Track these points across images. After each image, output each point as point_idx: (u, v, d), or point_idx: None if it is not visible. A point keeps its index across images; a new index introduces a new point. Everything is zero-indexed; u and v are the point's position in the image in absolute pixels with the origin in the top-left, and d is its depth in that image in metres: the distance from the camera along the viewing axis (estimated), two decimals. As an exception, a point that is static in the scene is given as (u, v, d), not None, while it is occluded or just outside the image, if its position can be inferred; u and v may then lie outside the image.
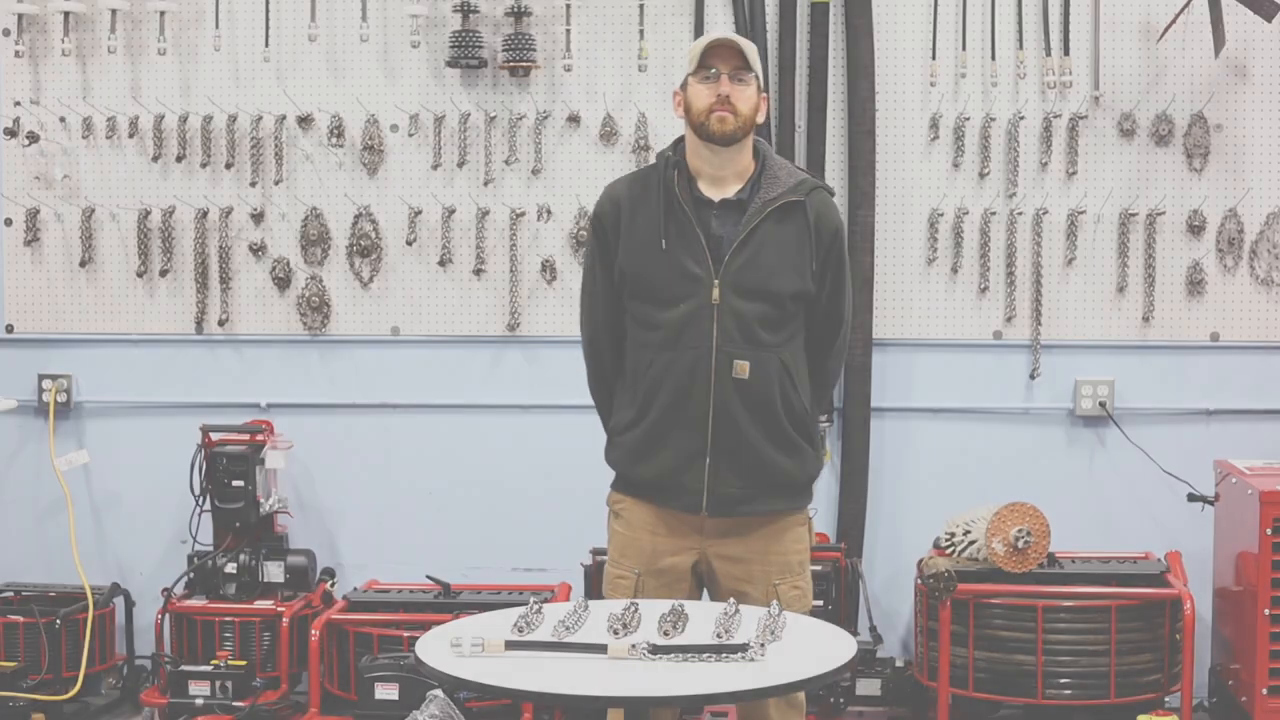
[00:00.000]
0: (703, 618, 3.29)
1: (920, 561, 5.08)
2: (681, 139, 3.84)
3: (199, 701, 5.12)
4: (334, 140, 5.51)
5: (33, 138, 5.56)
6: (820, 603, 5.07)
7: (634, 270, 3.79)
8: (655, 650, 3.02)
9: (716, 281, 3.72)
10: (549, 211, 5.48)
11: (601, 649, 3.05)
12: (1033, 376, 5.44)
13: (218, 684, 5.12)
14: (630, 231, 3.80)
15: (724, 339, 3.72)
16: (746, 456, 3.75)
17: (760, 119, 3.80)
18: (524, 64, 5.38)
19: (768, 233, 3.74)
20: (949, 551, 5.09)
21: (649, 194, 3.80)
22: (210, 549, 5.42)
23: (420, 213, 5.51)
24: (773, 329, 3.75)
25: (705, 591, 3.90)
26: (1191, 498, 5.24)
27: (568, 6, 5.35)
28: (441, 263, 5.52)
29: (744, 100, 3.72)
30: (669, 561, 3.81)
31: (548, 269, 5.48)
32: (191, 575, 5.39)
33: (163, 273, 5.59)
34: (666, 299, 3.75)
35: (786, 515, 3.85)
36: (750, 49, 3.75)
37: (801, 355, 3.84)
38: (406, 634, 5.01)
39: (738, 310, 3.71)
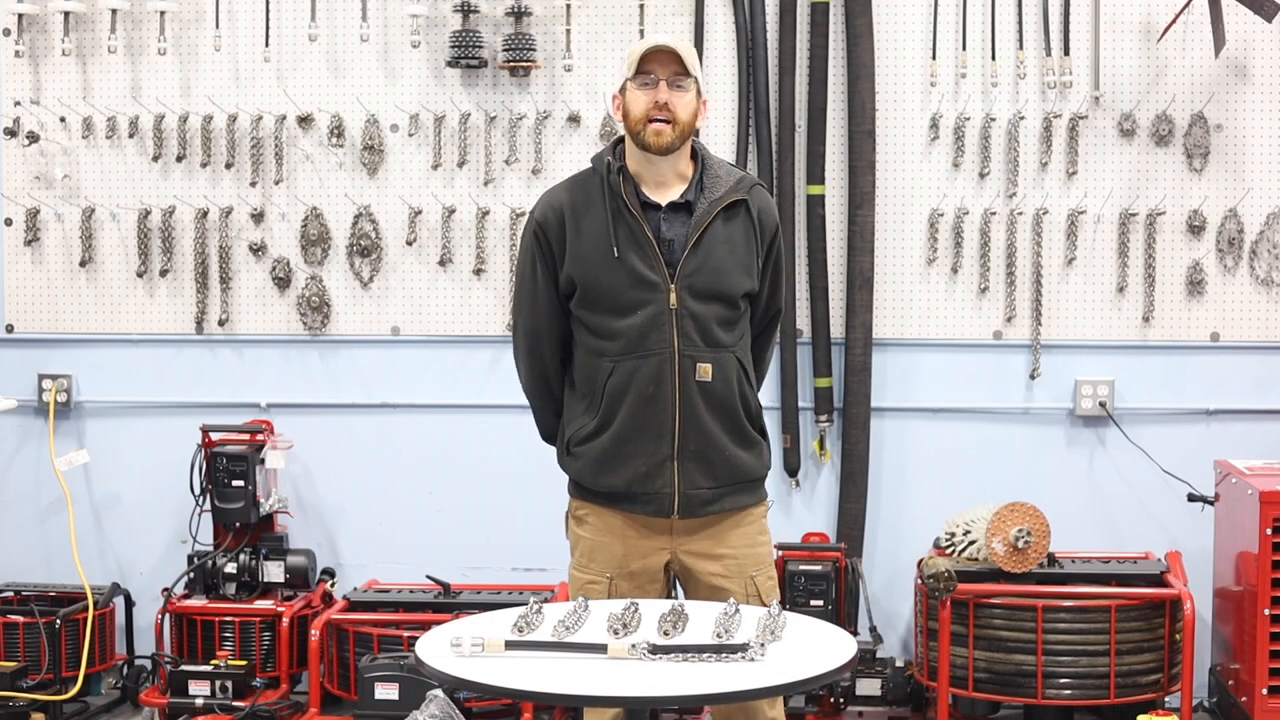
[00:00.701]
0: (703, 618, 3.29)
1: (920, 561, 5.08)
2: (620, 141, 3.81)
3: (199, 701, 5.13)
4: (334, 140, 5.51)
5: (33, 138, 5.57)
6: (820, 603, 5.08)
7: (585, 279, 3.74)
8: (655, 650, 3.02)
9: (673, 286, 3.70)
10: (549, 211, 5.47)
11: (601, 649, 3.05)
12: (1033, 376, 5.45)
13: (218, 684, 5.12)
14: (576, 239, 3.75)
15: (685, 343, 3.71)
16: (714, 457, 3.76)
17: (700, 124, 3.78)
18: (524, 64, 5.38)
19: (717, 233, 3.74)
20: (949, 551, 5.09)
21: (592, 200, 3.76)
22: (210, 549, 5.42)
23: (420, 213, 5.51)
24: (728, 329, 3.76)
25: (680, 590, 3.91)
26: (1191, 498, 5.25)
27: (568, 6, 5.35)
28: (441, 263, 5.52)
29: (683, 107, 3.70)
30: (640, 564, 3.81)
31: (548, 269, 5.47)
32: (191, 575, 5.40)
33: (163, 273, 5.60)
34: (623, 306, 3.72)
35: (751, 508, 3.87)
36: (689, 54, 3.71)
37: (749, 352, 3.87)
38: (406, 634, 5.02)
39: (696, 313, 3.71)
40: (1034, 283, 5.40)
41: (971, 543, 5.05)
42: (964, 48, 5.38)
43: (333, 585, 5.44)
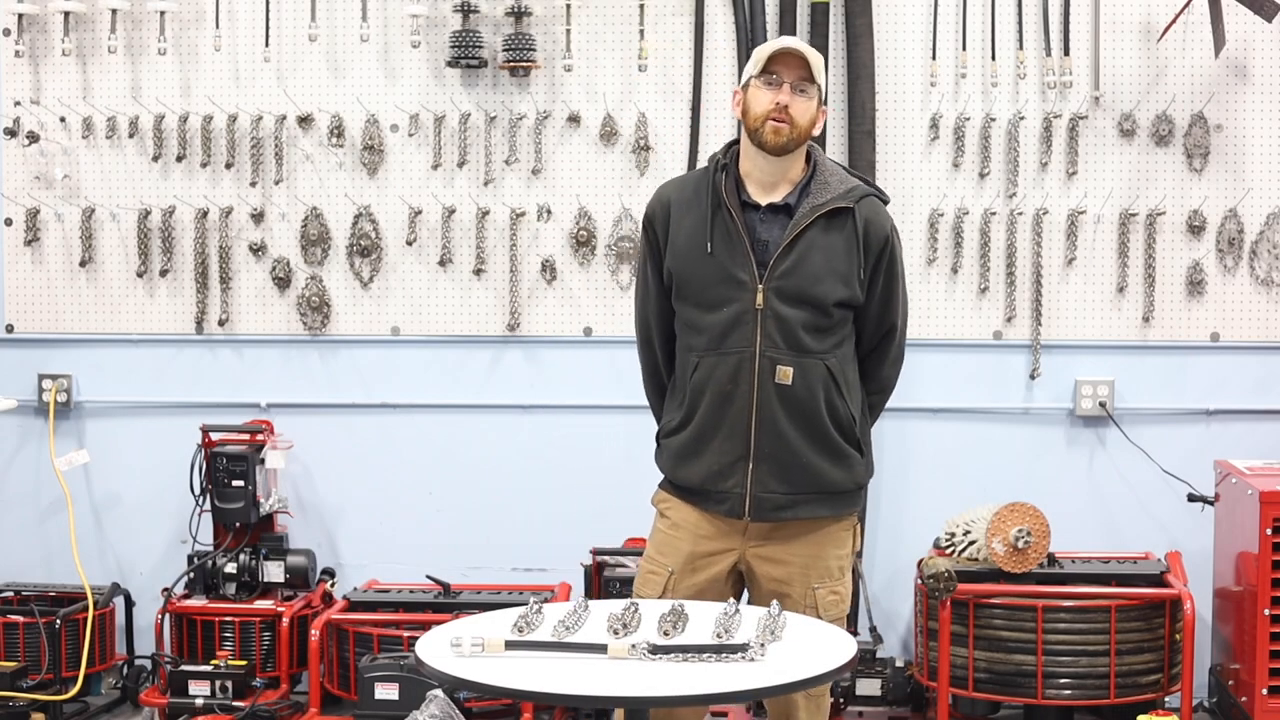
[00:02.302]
0: (703, 618, 3.29)
1: (920, 561, 5.08)
2: (734, 142, 3.82)
3: (199, 701, 5.12)
4: (334, 140, 5.51)
5: (33, 138, 5.56)
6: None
7: (680, 272, 3.78)
8: (655, 650, 3.02)
9: (761, 286, 3.70)
10: (549, 211, 5.48)
11: (601, 649, 3.05)
12: (1033, 376, 5.44)
13: (218, 684, 5.12)
14: (677, 234, 3.79)
15: (767, 344, 3.70)
16: (789, 462, 3.73)
17: (817, 131, 3.78)
18: (524, 64, 5.38)
19: (814, 239, 3.71)
20: (949, 551, 5.09)
21: (697, 196, 3.78)
22: (210, 549, 5.42)
23: (420, 213, 5.51)
24: (818, 335, 3.73)
25: (746, 591, 3.88)
26: (1191, 498, 5.25)
27: (568, 6, 5.35)
28: (441, 263, 5.52)
29: (802, 112, 3.70)
30: (707, 563, 3.80)
31: (548, 269, 5.48)
32: (191, 575, 5.39)
33: (163, 273, 5.60)
34: (711, 302, 3.74)
35: (831, 521, 3.82)
36: (816, 61, 3.71)
37: (851, 362, 3.82)
38: (406, 634, 5.02)
39: (781, 315, 3.70)
40: (1034, 283, 5.40)
41: (971, 543, 5.05)
42: (964, 48, 5.38)
43: (333, 585, 5.44)
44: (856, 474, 3.82)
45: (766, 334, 3.70)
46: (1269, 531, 4.75)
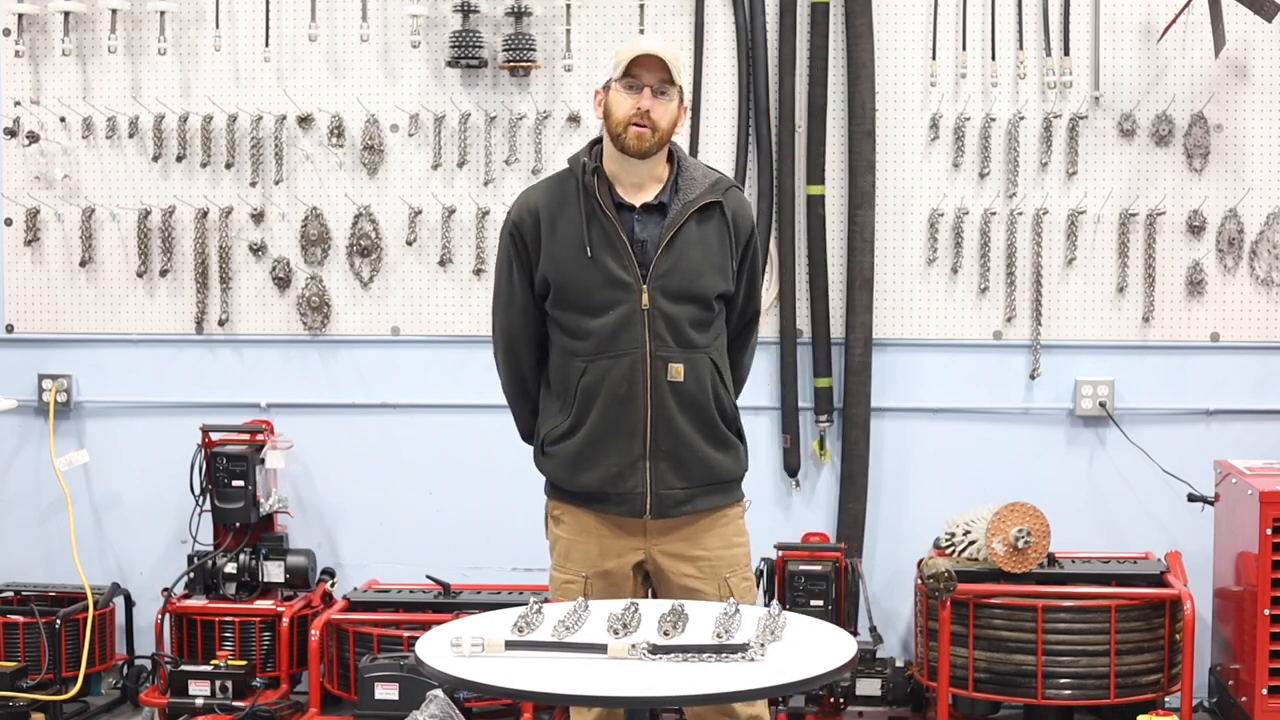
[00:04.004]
0: (703, 618, 3.29)
1: (920, 561, 5.08)
2: (596, 142, 3.83)
3: (199, 701, 5.12)
4: (334, 140, 5.51)
5: (33, 138, 5.57)
6: (820, 603, 5.08)
7: (558, 279, 3.77)
8: (655, 650, 3.02)
9: (645, 286, 3.72)
10: (549, 211, 5.47)
11: (601, 649, 3.05)
12: (1033, 376, 5.44)
13: (218, 684, 5.12)
14: (551, 240, 3.78)
15: (657, 343, 3.72)
16: (686, 457, 3.77)
17: (679, 131, 3.80)
18: (524, 64, 5.38)
19: (690, 234, 3.75)
20: (949, 551, 5.09)
21: (568, 201, 3.78)
22: (210, 549, 5.42)
23: (420, 213, 5.51)
24: (702, 330, 3.77)
25: (651, 590, 3.91)
26: (1191, 498, 5.25)
27: (568, 6, 5.35)
28: (441, 263, 5.52)
29: (664, 116, 3.72)
30: (614, 564, 3.82)
31: (548, 269, 5.47)
32: (191, 575, 5.40)
33: (163, 273, 5.60)
34: (595, 306, 3.74)
35: (725, 509, 3.87)
36: (675, 62, 3.72)
37: (724, 353, 3.87)
38: (406, 634, 5.02)
39: (668, 314, 3.72)
40: (1034, 283, 5.40)
41: (971, 543, 5.05)
42: (964, 48, 5.38)
43: (333, 585, 5.44)
44: (742, 461, 3.89)
45: (655, 333, 3.72)
46: (1269, 531, 4.75)
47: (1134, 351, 5.44)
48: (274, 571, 5.37)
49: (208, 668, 5.14)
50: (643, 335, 3.72)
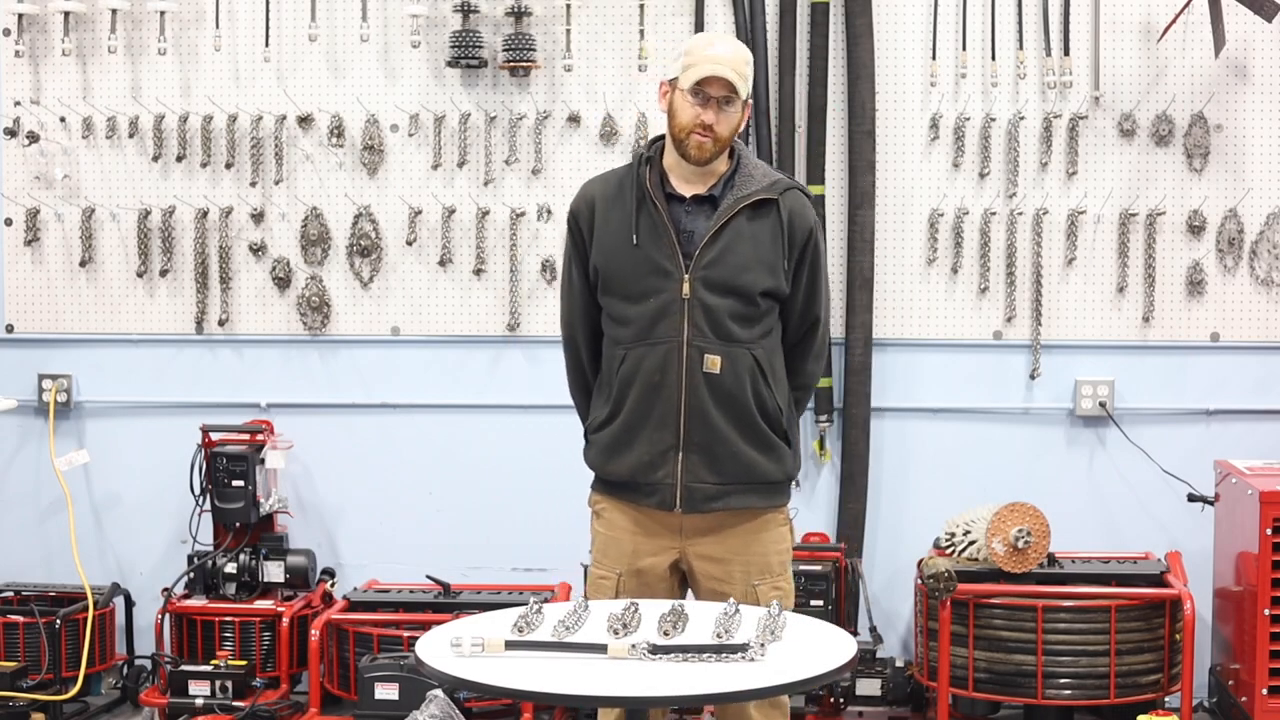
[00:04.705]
0: (703, 618, 3.29)
1: (920, 561, 5.08)
2: (660, 137, 3.84)
3: (199, 701, 5.12)
4: (334, 140, 5.51)
5: (33, 138, 5.57)
6: (820, 603, 5.08)
7: (605, 266, 3.79)
8: (655, 650, 3.02)
9: (686, 276, 3.71)
10: (549, 211, 5.48)
11: (601, 649, 3.05)
12: (1033, 376, 5.44)
13: (218, 684, 5.12)
14: (603, 228, 3.80)
15: (694, 333, 3.71)
16: (719, 451, 3.74)
17: (740, 129, 3.79)
18: (524, 64, 5.38)
19: (739, 229, 3.74)
20: (949, 551, 5.09)
21: (622, 191, 3.80)
22: (210, 549, 5.42)
23: (420, 213, 5.51)
24: (745, 324, 3.74)
25: (689, 591, 3.90)
26: (1191, 498, 5.25)
27: (568, 6, 5.35)
28: (441, 263, 5.52)
29: (727, 126, 3.72)
30: (648, 562, 3.81)
31: (548, 269, 5.48)
32: (191, 575, 5.39)
33: (163, 273, 5.60)
34: (637, 294, 3.75)
35: (764, 514, 3.83)
36: (742, 75, 3.71)
37: (778, 354, 3.83)
38: (406, 634, 5.02)
39: (708, 305, 3.71)
40: (1034, 283, 5.40)
41: (971, 543, 5.05)
42: (964, 48, 5.38)
43: (333, 585, 5.44)
44: (786, 465, 3.83)
45: (694, 323, 3.71)
46: (1269, 531, 4.75)
47: (1134, 351, 5.44)
48: (274, 571, 5.37)
49: (208, 668, 5.14)
50: (680, 324, 3.71)
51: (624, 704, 3.15)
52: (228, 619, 5.29)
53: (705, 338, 3.72)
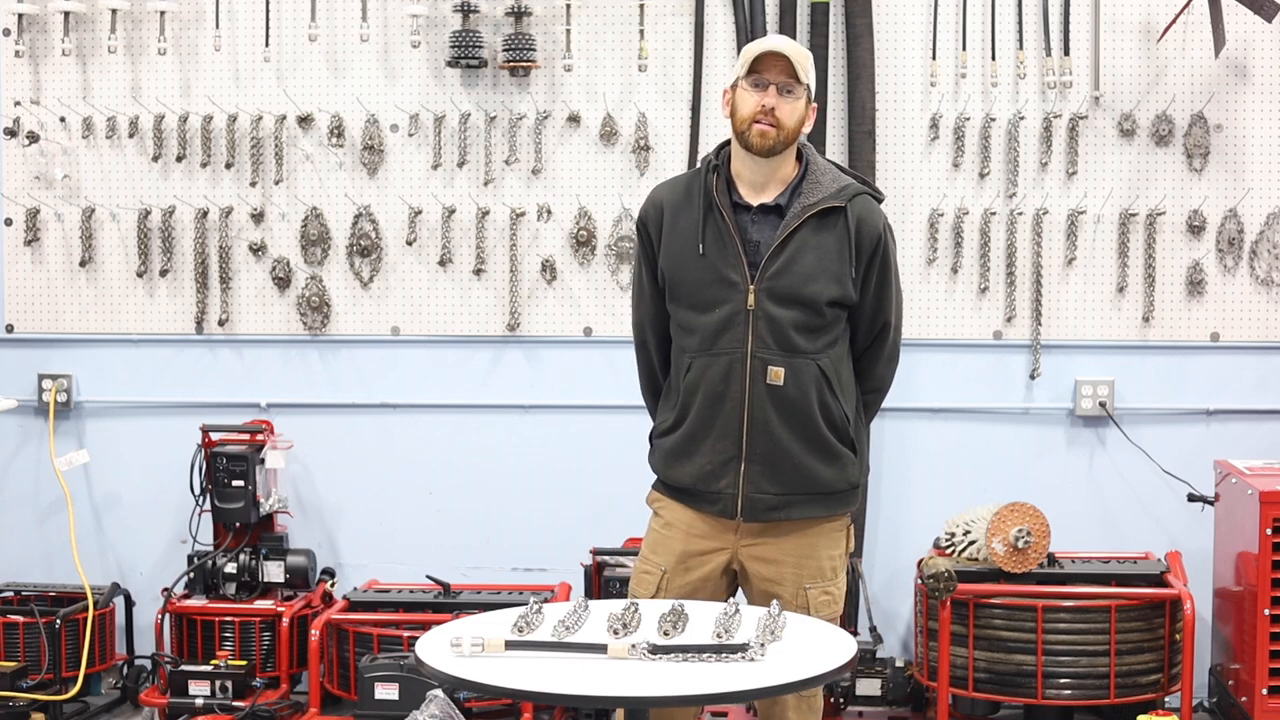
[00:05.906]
0: (703, 618, 3.29)
1: (920, 561, 5.08)
2: (727, 143, 3.82)
3: (199, 701, 5.12)
4: (334, 140, 5.51)
5: (33, 138, 5.56)
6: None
7: (672, 274, 3.79)
8: (655, 650, 3.02)
9: (752, 287, 3.70)
10: (549, 211, 5.48)
11: (601, 649, 3.05)
12: (1033, 376, 5.45)
13: (218, 684, 5.12)
14: (670, 235, 3.79)
15: (758, 345, 3.70)
16: (782, 463, 3.73)
17: (806, 130, 3.77)
18: (524, 64, 5.38)
19: (805, 239, 3.71)
20: (949, 551, 5.09)
21: (690, 198, 3.79)
22: (210, 549, 5.42)
23: (420, 213, 5.51)
24: (810, 335, 3.72)
25: (740, 591, 3.88)
26: (1191, 498, 5.25)
27: (568, 6, 5.35)
28: (441, 263, 5.52)
29: (789, 114, 3.69)
30: (700, 561, 3.80)
31: (548, 269, 5.48)
32: (191, 575, 5.39)
33: (163, 273, 5.60)
34: (703, 303, 3.74)
35: (823, 521, 3.82)
36: (803, 61, 3.70)
37: (845, 362, 3.81)
38: (406, 634, 5.02)
39: (773, 316, 3.70)
40: (1034, 283, 5.40)
41: (971, 543, 5.05)
42: (964, 48, 5.38)
43: (333, 585, 5.44)
44: (850, 473, 3.81)
45: (757, 334, 3.71)
46: (1269, 531, 4.75)
47: (1134, 351, 5.44)
48: (274, 571, 5.37)
49: (208, 668, 5.14)
50: (745, 335, 3.71)
51: (624, 704, 3.15)
52: (228, 619, 5.29)
53: (769, 349, 3.70)
